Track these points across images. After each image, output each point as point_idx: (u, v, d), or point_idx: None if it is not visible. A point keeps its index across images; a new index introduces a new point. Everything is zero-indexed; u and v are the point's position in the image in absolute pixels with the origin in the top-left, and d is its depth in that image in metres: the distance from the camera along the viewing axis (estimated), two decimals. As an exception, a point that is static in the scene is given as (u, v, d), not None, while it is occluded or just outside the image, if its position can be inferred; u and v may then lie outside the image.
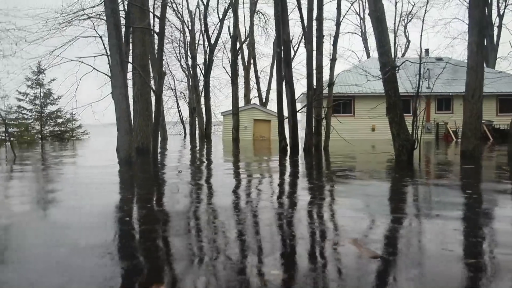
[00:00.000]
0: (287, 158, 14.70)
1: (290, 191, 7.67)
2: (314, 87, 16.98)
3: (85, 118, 24.11)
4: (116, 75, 12.79)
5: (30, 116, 32.45)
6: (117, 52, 12.67)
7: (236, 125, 27.72)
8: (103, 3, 18.44)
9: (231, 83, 28.92)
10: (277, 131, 17.24)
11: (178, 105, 42.43)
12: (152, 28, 17.67)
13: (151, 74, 17.10)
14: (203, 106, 33.84)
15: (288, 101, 16.52)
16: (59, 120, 33.67)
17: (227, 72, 33.55)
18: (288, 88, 16.49)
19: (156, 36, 17.67)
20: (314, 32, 16.95)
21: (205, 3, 30.37)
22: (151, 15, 17.23)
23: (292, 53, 21.24)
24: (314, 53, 16.97)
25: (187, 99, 41.72)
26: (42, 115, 32.77)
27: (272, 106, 37.36)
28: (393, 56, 12.16)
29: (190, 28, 33.15)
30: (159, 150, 17.21)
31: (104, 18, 19.42)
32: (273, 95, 39.86)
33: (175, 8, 31.80)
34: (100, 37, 18.67)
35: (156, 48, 15.42)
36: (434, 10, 73.50)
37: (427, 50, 29.68)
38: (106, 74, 19.03)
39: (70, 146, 25.18)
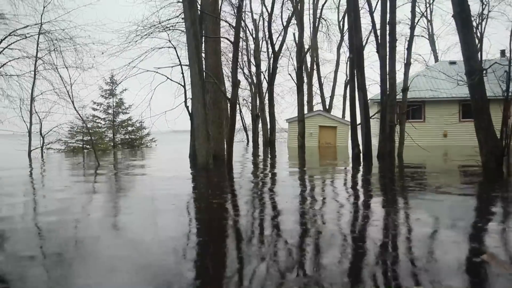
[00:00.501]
0: (363, 165, 14.42)
1: (391, 207, 7.39)
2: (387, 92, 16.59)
3: (153, 126, 24.91)
4: (195, 84, 13.15)
5: (104, 124, 34.12)
6: (196, 62, 13.04)
7: (302, 131, 27.60)
8: (180, 14, 19.16)
9: (296, 89, 28.85)
10: (342, 138, 17.02)
11: (241, 112, 42.95)
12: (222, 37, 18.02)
13: (224, 83, 17.48)
14: (267, 113, 34.01)
15: (361, 107, 16.23)
16: (130, 128, 35.12)
17: (292, 78, 33.57)
18: (361, 94, 16.21)
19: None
20: (387, 37, 16.59)
21: (269, 11, 30.61)
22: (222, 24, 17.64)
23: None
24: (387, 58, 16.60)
25: (249, 106, 42.14)
26: (114, 124, 34.35)
27: (336, 112, 37.01)
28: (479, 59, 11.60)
29: (254, 36, 33.53)
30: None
31: (179, 28, 20.15)
32: (336, 101, 39.37)
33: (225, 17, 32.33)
34: (174, 47, 19.29)
35: (232, 57, 15.65)
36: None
37: (503, 52, 28.15)
38: (179, 83, 19.70)
39: (144, 154, 26.08)
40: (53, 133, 26.69)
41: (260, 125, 36.98)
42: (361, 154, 16.03)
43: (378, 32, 17.02)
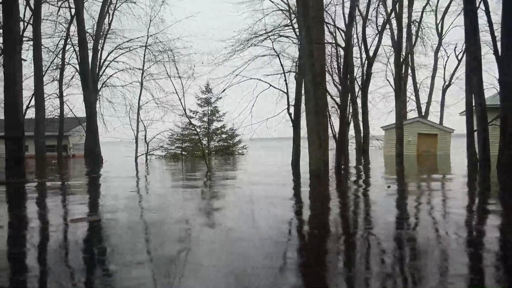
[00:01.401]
0: (485, 177, 13.52)
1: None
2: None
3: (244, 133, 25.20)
4: (308, 91, 13.17)
5: (199, 132, 35.37)
6: (309, 69, 13.06)
7: (400, 139, 26.63)
8: (281, 22, 19.36)
9: (394, 96, 27.99)
10: (444, 146, 16.07)
11: (330, 119, 42.40)
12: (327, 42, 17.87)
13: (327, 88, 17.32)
14: (360, 121, 33.31)
15: (478, 113, 15.28)
16: (223, 136, 36.13)
17: (390, 84, 32.68)
18: (478, 99, 15.28)
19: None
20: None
21: (363, 16, 30.04)
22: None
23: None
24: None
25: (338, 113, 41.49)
26: (209, 131, 35.54)
27: (433, 118, 35.23)
28: None
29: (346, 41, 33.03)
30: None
31: (288, 35, 20.34)
32: (433, 108, 37.44)
33: (330, 22, 32.00)
34: (278, 55, 19.51)
35: (342, 62, 15.48)
36: None
37: None
38: (282, 91, 19.88)
39: (242, 161, 26.49)
40: (155, 140, 28.19)
41: (350, 132, 36.25)
42: (478, 163, 15.09)
43: (497, 32, 15.96)
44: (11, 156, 17.08)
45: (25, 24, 26.67)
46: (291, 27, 19.18)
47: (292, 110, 19.47)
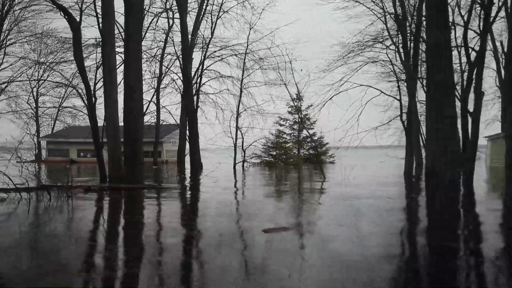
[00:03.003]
0: None
1: None
2: None
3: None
4: (435, 97, 12.37)
5: (289, 139, 35.13)
6: (437, 73, 12.26)
7: (510, 150, 24.68)
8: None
9: (504, 101, 26.01)
10: None
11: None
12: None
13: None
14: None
15: None
16: (313, 144, 35.58)
17: (500, 90, 30.42)
18: None
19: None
20: None
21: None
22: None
23: None
24: None
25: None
26: (299, 139, 35.18)
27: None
28: None
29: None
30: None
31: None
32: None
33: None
34: (390, 60, 18.81)
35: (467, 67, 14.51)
36: None
37: None
38: (395, 98, 19.09)
39: (339, 170, 25.67)
40: (250, 147, 28.32)
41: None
42: None
43: None
44: (129, 160, 17.58)
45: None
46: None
47: (405, 117, 18.64)
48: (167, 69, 32.35)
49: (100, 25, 17.11)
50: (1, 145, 36.45)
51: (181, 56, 27.45)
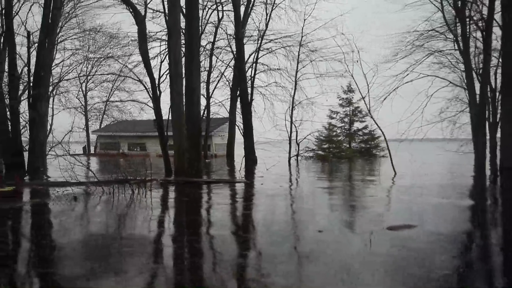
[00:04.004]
0: None
1: None
2: None
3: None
4: None
5: (339, 133, 34.42)
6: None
7: None
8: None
9: None
10: None
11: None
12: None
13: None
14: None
15: None
16: (365, 137, 34.77)
17: None
18: None
19: None
20: None
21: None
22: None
23: None
24: None
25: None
26: (350, 132, 34.43)
27: None
28: None
29: None
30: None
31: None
32: None
33: None
34: (460, 49, 17.95)
35: None
36: None
37: None
38: (464, 88, 18.19)
39: (400, 164, 24.88)
40: (304, 140, 27.84)
41: None
42: None
43: None
44: (192, 154, 17.43)
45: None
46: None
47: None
48: (219, 61, 32.23)
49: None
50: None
51: (234, 48, 27.21)
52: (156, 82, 17.12)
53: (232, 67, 31.28)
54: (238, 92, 31.02)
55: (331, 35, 27.77)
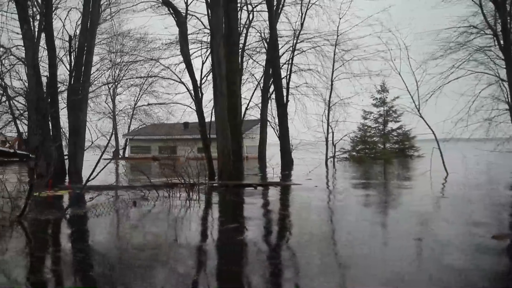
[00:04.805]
0: None
1: None
2: None
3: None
4: None
5: (373, 133, 33.68)
6: None
7: None
8: None
9: None
10: None
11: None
12: None
13: None
14: None
15: None
16: (400, 137, 33.99)
17: None
18: None
19: None
20: None
21: None
22: None
23: None
24: None
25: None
26: (384, 132, 33.68)
27: None
28: None
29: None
30: None
31: None
32: None
33: None
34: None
35: None
36: None
37: None
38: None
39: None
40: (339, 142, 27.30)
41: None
42: None
43: None
44: (235, 156, 17.10)
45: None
46: None
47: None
48: (250, 62, 31.95)
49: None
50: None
51: (267, 49, 26.89)
52: (198, 83, 16.86)
53: (264, 68, 30.93)
54: (269, 94, 30.70)
55: (366, 34, 27.09)
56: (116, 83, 48.45)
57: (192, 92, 16.98)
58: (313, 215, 8.15)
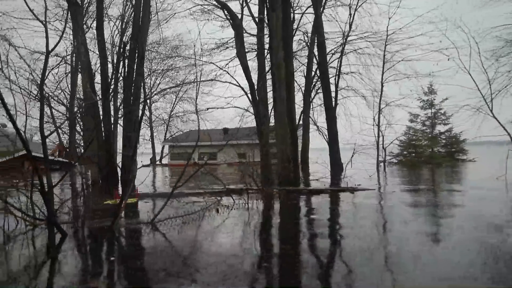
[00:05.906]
0: None
1: None
2: None
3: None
4: None
5: (420, 136, 32.52)
6: None
7: None
8: None
9: None
10: None
11: None
12: None
13: None
14: None
15: None
16: (449, 141, 32.71)
17: None
18: None
19: None
20: None
21: None
22: None
23: None
24: None
25: None
26: (432, 135, 32.49)
27: None
28: None
29: None
30: None
31: None
32: None
33: None
34: None
35: None
36: None
37: None
38: None
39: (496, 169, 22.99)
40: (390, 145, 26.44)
41: None
42: None
43: None
44: (292, 161, 16.60)
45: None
46: None
47: None
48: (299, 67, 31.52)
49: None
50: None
51: (316, 52, 26.33)
52: (255, 86, 16.46)
53: (305, 70, 30.34)
54: (310, 98, 30.15)
55: (416, 34, 26.24)
56: (170, 90, 48.58)
57: (250, 95, 16.57)
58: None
